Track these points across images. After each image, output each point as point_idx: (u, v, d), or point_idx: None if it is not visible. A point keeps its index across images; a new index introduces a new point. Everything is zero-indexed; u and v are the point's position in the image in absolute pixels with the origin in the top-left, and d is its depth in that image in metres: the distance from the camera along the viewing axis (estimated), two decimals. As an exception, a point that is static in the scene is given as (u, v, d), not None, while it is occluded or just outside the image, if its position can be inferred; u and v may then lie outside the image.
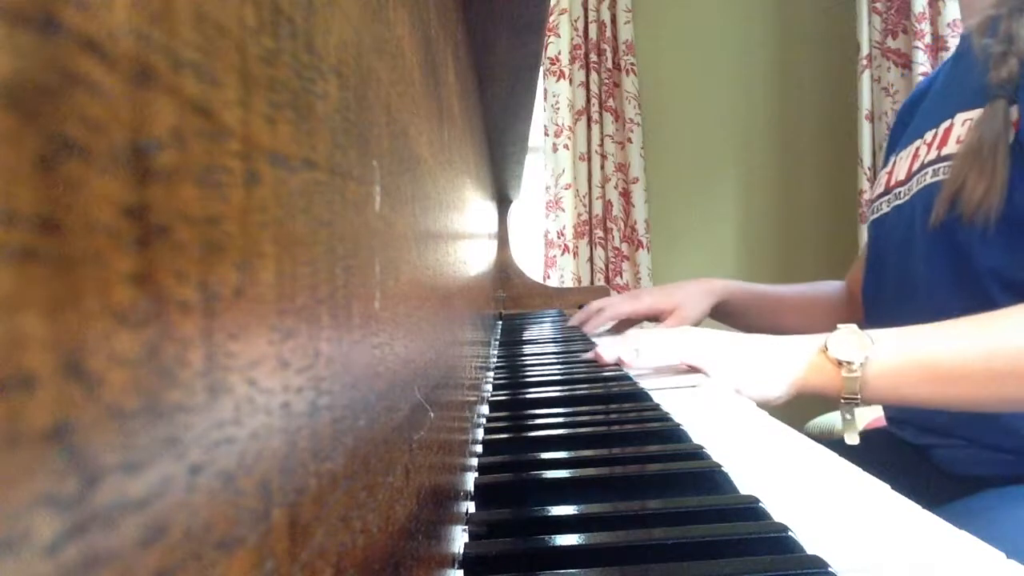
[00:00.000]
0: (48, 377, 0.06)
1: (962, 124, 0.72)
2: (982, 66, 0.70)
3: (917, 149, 0.80)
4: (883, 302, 0.85)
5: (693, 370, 0.74)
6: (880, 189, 0.87)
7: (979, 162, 0.65)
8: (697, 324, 1.04)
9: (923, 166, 0.76)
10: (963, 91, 0.74)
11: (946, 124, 0.75)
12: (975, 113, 0.71)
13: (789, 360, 0.66)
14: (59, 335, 0.06)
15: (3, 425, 0.06)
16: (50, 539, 0.06)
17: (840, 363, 0.63)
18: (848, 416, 0.66)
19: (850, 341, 0.63)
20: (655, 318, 1.07)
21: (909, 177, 0.79)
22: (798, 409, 0.72)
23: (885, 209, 0.85)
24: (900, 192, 0.81)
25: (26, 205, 0.06)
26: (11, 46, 0.06)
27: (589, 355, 0.82)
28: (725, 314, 1.08)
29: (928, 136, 0.78)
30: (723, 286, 1.05)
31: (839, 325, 0.65)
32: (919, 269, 0.76)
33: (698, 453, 0.45)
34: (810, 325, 1.05)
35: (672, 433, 0.51)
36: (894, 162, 0.86)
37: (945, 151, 0.73)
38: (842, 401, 0.63)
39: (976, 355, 0.58)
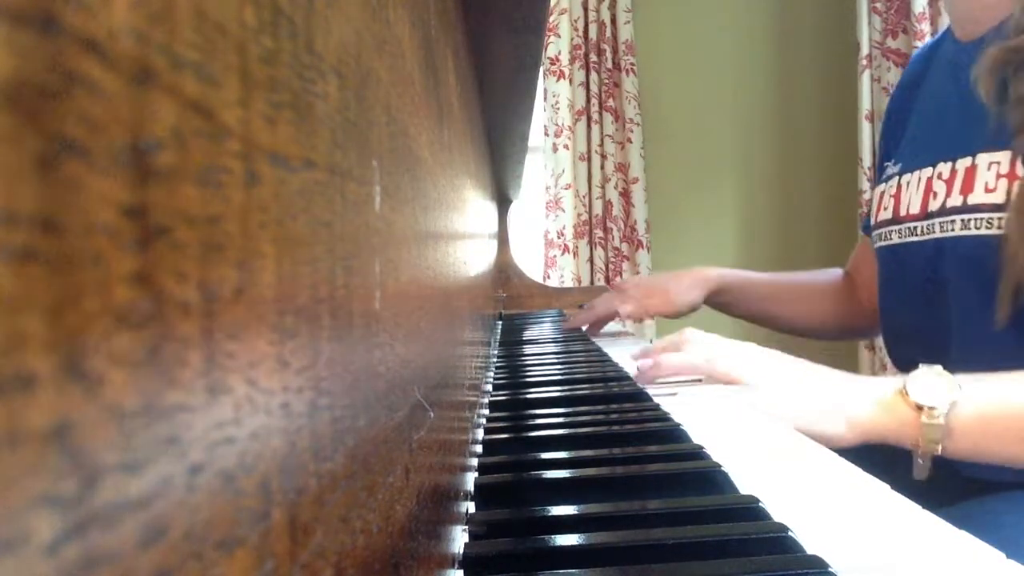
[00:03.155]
0: (48, 377, 0.06)
1: (987, 167, 0.67)
2: (998, 122, 0.66)
3: (930, 181, 0.75)
4: (908, 339, 0.82)
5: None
6: (887, 215, 0.82)
7: None
8: (685, 314, 1.03)
9: (945, 210, 0.71)
10: (978, 122, 0.69)
11: (966, 163, 0.70)
12: (1001, 156, 0.66)
13: (855, 396, 0.58)
14: (59, 335, 0.06)
15: (3, 425, 0.06)
16: (50, 539, 0.06)
17: (920, 407, 0.55)
18: (923, 463, 0.59)
19: (935, 383, 0.56)
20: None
21: (926, 215, 0.75)
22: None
23: (896, 240, 0.80)
24: (915, 228, 0.76)
25: (26, 205, 0.06)
26: (11, 46, 0.06)
27: (641, 366, 0.73)
28: (721, 304, 1.06)
29: (943, 170, 0.73)
30: (716, 275, 1.03)
31: (920, 365, 0.57)
32: (951, 320, 0.72)
33: (698, 453, 0.45)
34: (808, 313, 1.04)
35: (672, 433, 0.51)
36: (899, 185, 0.81)
37: (973, 199, 0.68)
38: (919, 452, 0.57)
39: None
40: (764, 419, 0.57)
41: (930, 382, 0.56)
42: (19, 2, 0.06)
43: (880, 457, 0.77)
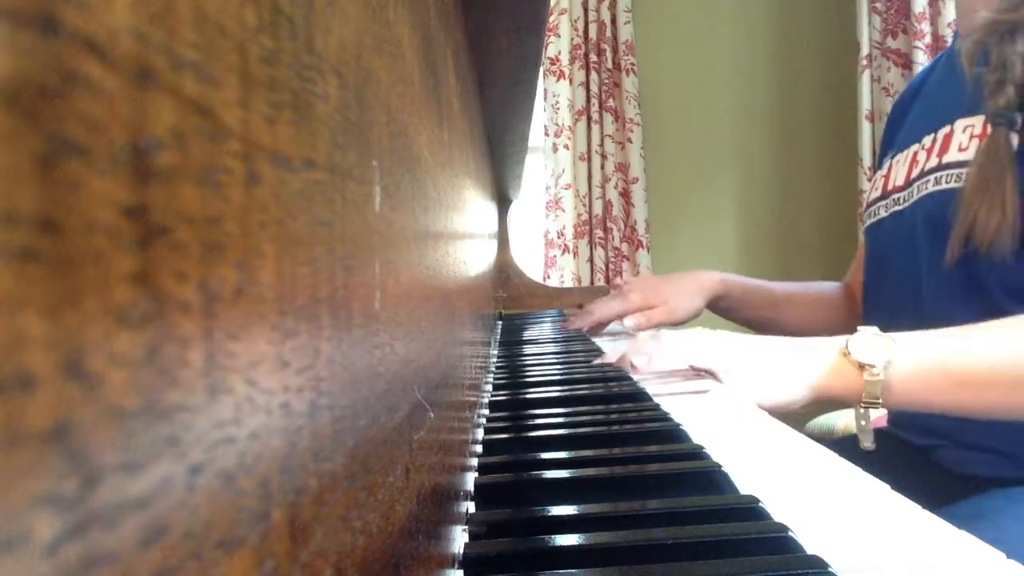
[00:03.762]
0: (48, 377, 0.06)
1: (963, 131, 0.71)
2: (975, 87, 0.69)
3: (915, 154, 0.79)
4: (884, 306, 0.85)
5: (702, 375, 0.72)
6: (877, 193, 0.86)
7: (988, 196, 0.65)
8: (687, 322, 1.03)
9: (923, 173, 0.76)
10: (961, 95, 0.73)
11: (945, 130, 0.74)
12: (976, 120, 0.70)
13: (807, 363, 0.64)
14: (59, 335, 0.06)
15: (3, 425, 0.06)
16: (50, 539, 0.06)
17: (862, 366, 0.61)
18: (864, 422, 0.65)
19: (873, 343, 0.61)
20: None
21: (908, 183, 0.79)
22: (798, 409, 0.71)
23: (883, 214, 0.84)
24: (899, 198, 0.81)
25: (26, 205, 0.06)
26: (11, 46, 0.06)
27: (601, 360, 0.81)
28: (721, 309, 1.07)
29: (927, 141, 0.77)
30: (717, 281, 1.03)
31: (859, 327, 0.63)
32: (921, 276, 0.76)
33: (698, 453, 0.45)
34: (811, 320, 1.04)
35: (672, 433, 0.51)
36: (890, 165, 0.85)
37: (947, 158, 0.72)
38: (862, 406, 0.62)
39: (1003, 360, 0.57)
40: (764, 419, 0.57)
41: (869, 342, 0.62)
42: (19, 2, 0.06)
43: (880, 457, 0.77)
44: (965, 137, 0.71)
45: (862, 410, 0.63)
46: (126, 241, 0.07)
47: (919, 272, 0.76)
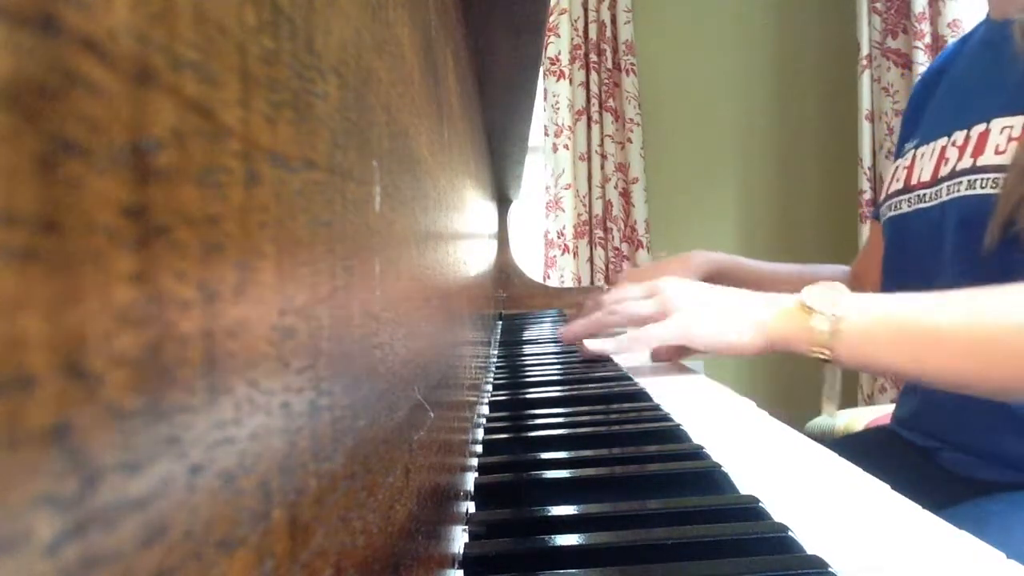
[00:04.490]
0: (48, 377, 0.06)
1: (1000, 132, 0.68)
2: (1018, 84, 0.66)
3: (944, 149, 0.75)
4: (903, 290, 0.83)
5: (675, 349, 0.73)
6: (899, 185, 0.82)
7: None
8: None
9: (955, 173, 0.72)
10: (998, 92, 0.70)
11: (980, 128, 0.70)
12: (1016, 120, 0.67)
13: (762, 308, 0.65)
14: (59, 335, 0.06)
15: (3, 425, 0.06)
16: (50, 539, 0.06)
17: (814, 312, 0.61)
18: (828, 384, 0.66)
19: (828, 293, 0.61)
20: None
21: (936, 181, 0.75)
22: (798, 409, 0.71)
23: (905, 209, 0.81)
24: (925, 195, 0.77)
25: (26, 205, 0.06)
26: (11, 46, 0.06)
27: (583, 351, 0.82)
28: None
29: (957, 137, 0.73)
30: (708, 259, 1.00)
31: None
32: (946, 276, 0.73)
33: (698, 453, 0.45)
34: None
35: (672, 433, 0.51)
36: (913, 156, 0.81)
37: (982, 160, 0.69)
38: (812, 355, 0.61)
39: (957, 323, 0.56)
40: (764, 419, 0.57)
41: (824, 291, 0.61)
42: (19, 2, 0.06)
43: (881, 457, 0.77)
44: (1003, 139, 0.67)
45: (822, 362, 0.62)
46: (126, 241, 0.07)
47: (943, 271, 0.73)
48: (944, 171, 0.74)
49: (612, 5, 2.22)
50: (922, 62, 1.91)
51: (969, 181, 0.70)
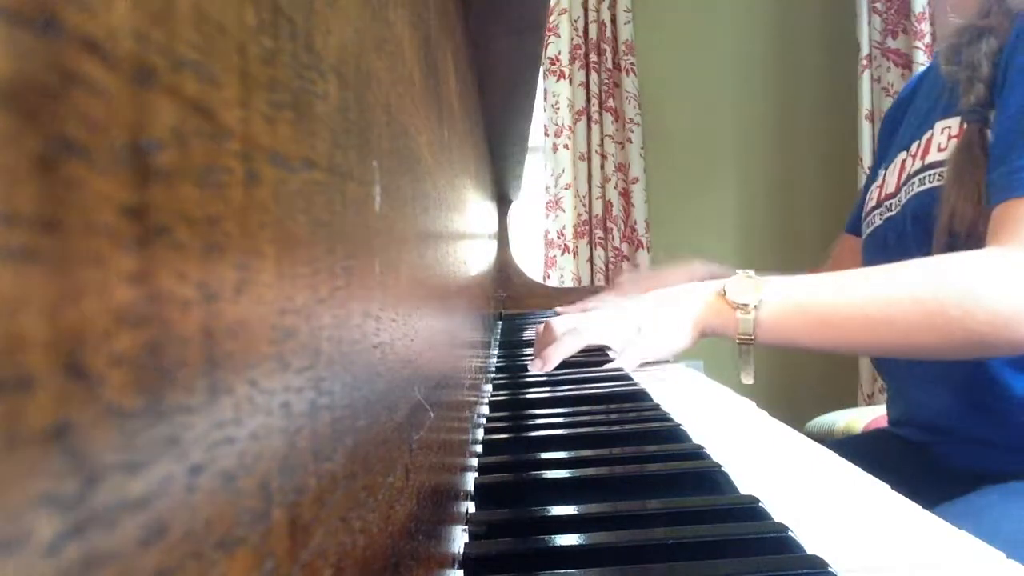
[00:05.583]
0: (48, 377, 0.06)
1: (941, 132, 0.75)
2: (951, 89, 0.74)
3: (903, 161, 0.82)
4: None
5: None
6: (872, 203, 0.89)
7: (963, 189, 0.69)
8: None
9: (909, 176, 0.79)
10: (938, 101, 0.78)
11: (928, 134, 0.78)
12: (952, 121, 0.74)
13: (690, 306, 0.73)
14: (59, 335, 0.06)
15: (3, 425, 0.06)
16: (50, 539, 0.06)
17: (736, 306, 0.68)
18: (744, 356, 0.72)
19: (745, 285, 0.69)
20: None
21: (898, 189, 0.82)
22: (798, 409, 0.72)
23: (878, 222, 0.87)
24: (891, 204, 0.84)
25: (26, 205, 0.06)
26: (11, 46, 0.06)
27: (533, 367, 0.82)
28: None
29: (913, 148, 0.81)
30: (703, 268, 1.03)
31: (737, 271, 0.71)
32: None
33: (698, 453, 0.45)
34: None
35: (672, 433, 0.51)
36: (883, 176, 0.88)
37: (928, 159, 0.76)
38: (738, 341, 0.69)
39: (855, 302, 0.63)
40: (764, 419, 0.57)
41: (742, 283, 0.70)
42: (19, 2, 0.06)
43: (879, 457, 0.77)
44: (944, 138, 0.75)
45: (740, 345, 0.70)
46: (126, 241, 0.07)
47: None
48: (903, 178, 0.82)
49: (612, 5, 2.22)
50: (922, 62, 1.91)
51: (920, 179, 0.77)
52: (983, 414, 0.70)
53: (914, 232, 0.76)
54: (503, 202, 1.54)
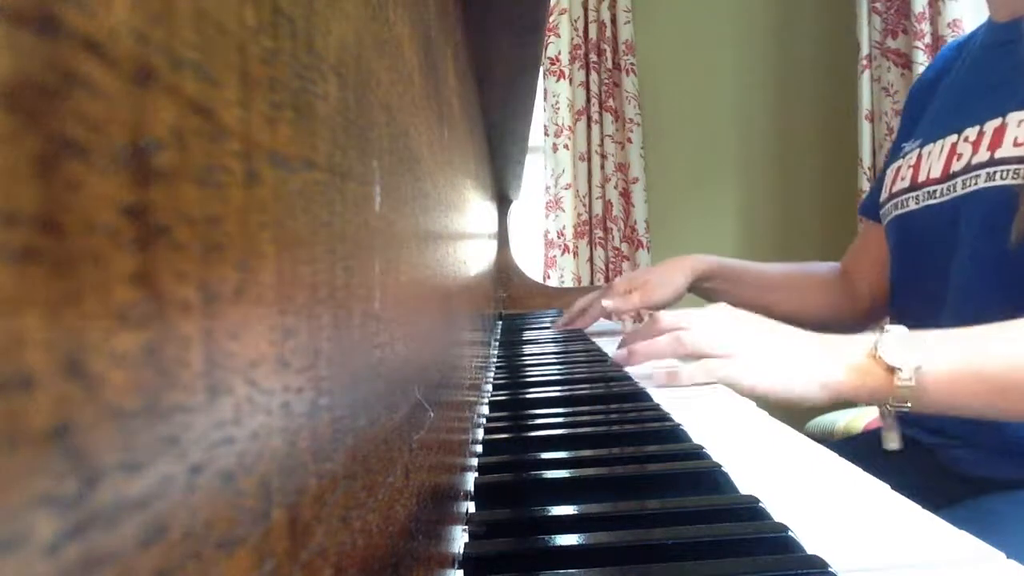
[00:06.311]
0: (48, 377, 0.06)
1: (1018, 125, 0.68)
2: None
3: (954, 146, 0.75)
4: (918, 302, 0.82)
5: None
6: (904, 184, 0.82)
7: None
8: (669, 303, 1.01)
9: (970, 167, 0.72)
10: (1012, 88, 0.71)
11: (995, 123, 0.71)
12: None
13: (828, 361, 0.61)
14: (59, 335, 0.06)
15: (3, 425, 0.06)
16: (50, 539, 0.06)
17: (892, 369, 0.58)
18: (889, 420, 0.63)
19: (903, 345, 0.59)
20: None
21: (948, 176, 0.75)
22: (798, 409, 0.71)
23: (913, 206, 0.80)
24: (935, 191, 0.77)
25: (26, 205, 0.06)
26: (11, 46, 0.06)
27: (616, 357, 0.78)
28: (709, 290, 1.04)
29: (969, 134, 0.74)
30: (700, 262, 1.01)
31: (887, 326, 0.61)
32: (963, 272, 0.73)
33: (698, 453, 0.45)
34: (803, 303, 1.03)
35: (672, 433, 0.51)
36: (919, 155, 0.81)
37: (1000, 153, 0.69)
38: (889, 408, 0.60)
39: None
40: (764, 419, 0.57)
41: (899, 344, 0.59)
42: (19, 2, 0.06)
43: (881, 457, 0.77)
44: (1021, 132, 0.68)
45: (888, 410, 0.60)
46: (126, 241, 0.07)
47: (957, 269, 0.74)
48: (957, 166, 0.74)
49: (612, 5, 2.22)
50: (922, 62, 1.91)
51: (988, 174, 0.70)
52: (997, 421, 0.67)
53: (974, 230, 0.71)
54: (503, 202, 1.54)
